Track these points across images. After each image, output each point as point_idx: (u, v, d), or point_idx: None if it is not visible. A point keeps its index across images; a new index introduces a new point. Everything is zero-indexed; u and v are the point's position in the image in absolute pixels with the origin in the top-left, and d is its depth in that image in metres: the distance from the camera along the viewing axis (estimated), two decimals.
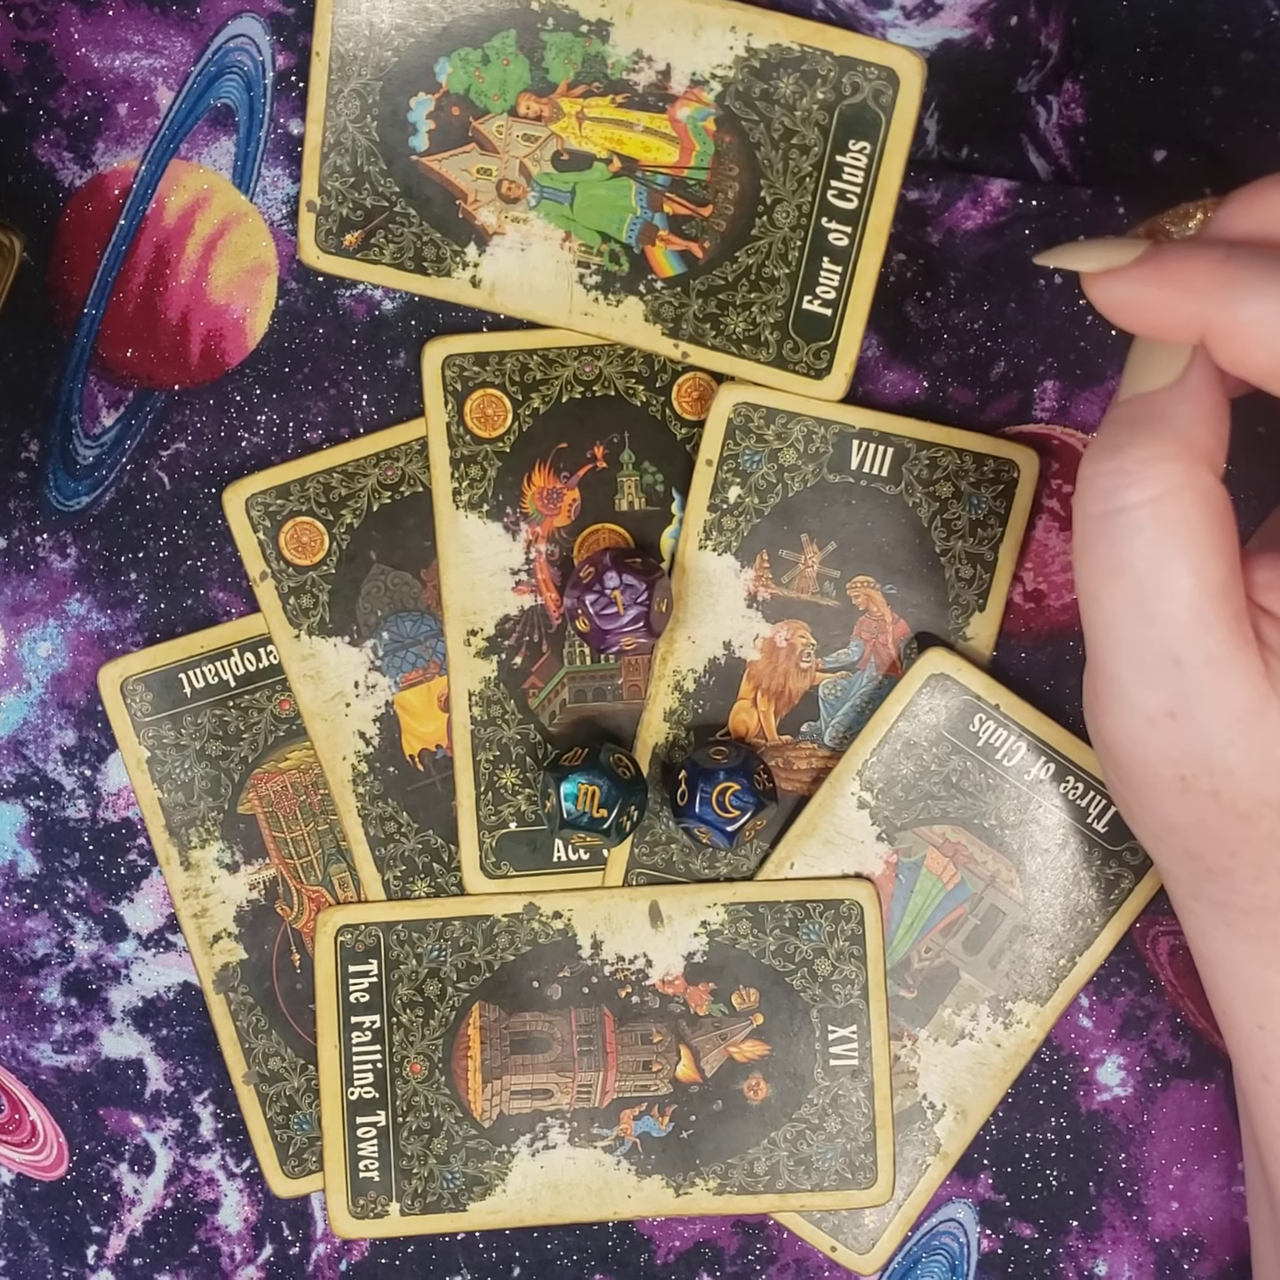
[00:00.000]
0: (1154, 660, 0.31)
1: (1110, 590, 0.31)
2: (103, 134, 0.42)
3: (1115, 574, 0.31)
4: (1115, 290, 0.31)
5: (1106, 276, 0.31)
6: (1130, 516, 0.31)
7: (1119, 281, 0.31)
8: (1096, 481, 0.31)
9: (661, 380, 0.42)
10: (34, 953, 0.44)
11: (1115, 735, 0.33)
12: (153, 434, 0.43)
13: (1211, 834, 0.32)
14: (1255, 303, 0.29)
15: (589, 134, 0.40)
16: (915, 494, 0.42)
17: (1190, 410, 0.31)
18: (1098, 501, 0.31)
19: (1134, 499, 0.31)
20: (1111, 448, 0.31)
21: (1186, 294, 0.30)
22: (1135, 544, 0.31)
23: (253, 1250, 0.45)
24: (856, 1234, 0.44)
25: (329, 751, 0.43)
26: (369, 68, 0.40)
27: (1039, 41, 0.41)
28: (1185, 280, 0.30)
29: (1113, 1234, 0.44)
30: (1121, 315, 0.31)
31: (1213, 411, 0.31)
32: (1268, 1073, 0.35)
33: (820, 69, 0.39)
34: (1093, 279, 0.32)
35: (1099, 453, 0.31)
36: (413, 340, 0.42)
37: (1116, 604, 0.31)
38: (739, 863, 0.43)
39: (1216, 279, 0.30)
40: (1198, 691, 0.31)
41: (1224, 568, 0.31)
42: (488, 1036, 0.43)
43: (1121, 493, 0.31)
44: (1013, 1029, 0.43)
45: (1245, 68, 0.41)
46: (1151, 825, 0.34)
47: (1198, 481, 0.30)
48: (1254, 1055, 0.35)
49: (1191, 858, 0.33)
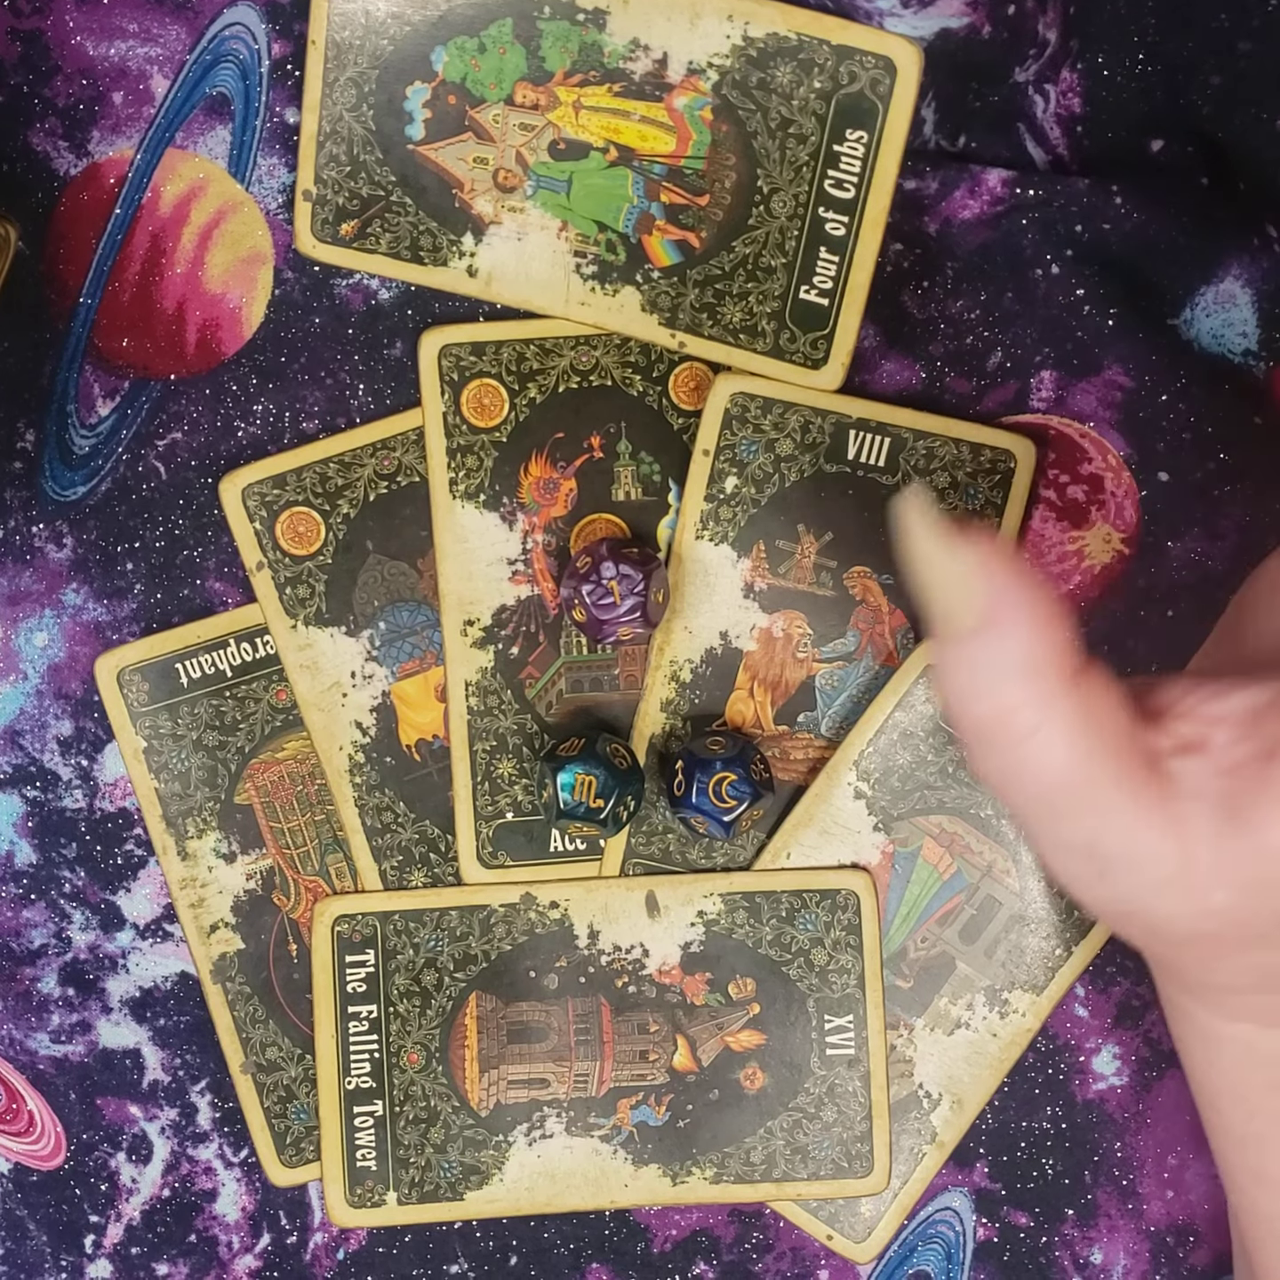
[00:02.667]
0: (1071, 848, 0.31)
1: (1012, 803, 0.31)
2: (98, 123, 0.42)
3: (1010, 794, 0.31)
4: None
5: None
6: (1006, 756, 0.30)
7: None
8: (967, 732, 0.31)
9: (658, 370, 0.42)
10: (31, 943, 0.44)
11: (1061, 884, 0.33)
12: (149, 424, 0.43)
13: (1170, 958, 0.33)
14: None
15: (585, 123, 0.40)
16: (912, 484, 0.42)
17: (1016, 647, 0.30)
18: (973, 742, 0.31)
19: (1004, 742, 0.30)
20: (969, 703, 0.30)
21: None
22: (1021, 773, 0.30)
23: (250, 1239, 0.45)
24: (853, 1222, 0.44)
25: (326, 742, 0.43)
26: (365, 56, 0.40)
27: (1036, 30, 0.41)
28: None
29: (1108, 1222, 0.44)
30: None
31: (1036, 632, 0.30)
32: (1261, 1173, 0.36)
33: (817, 58, 0.39)
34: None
35: (961, 707, 0.31)
36: (409, 330, 0.42)
37: (1021, 813, 0.31)
38: (735, 853, 0.43)
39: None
40: (1120, 867, 0.30)
41: (1113, 757, 0.30)
42: (485, 1026, 0.43)
43: (992, 740, 0.30)
44: (1009, 1018, 0.43)
45: (1243, 57, 0.41)
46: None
47: (1054, 707, 0.30)
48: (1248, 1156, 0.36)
49: (1167, 972, 0.33)
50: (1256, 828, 0.29)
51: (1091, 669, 0.30)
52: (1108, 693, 0.30)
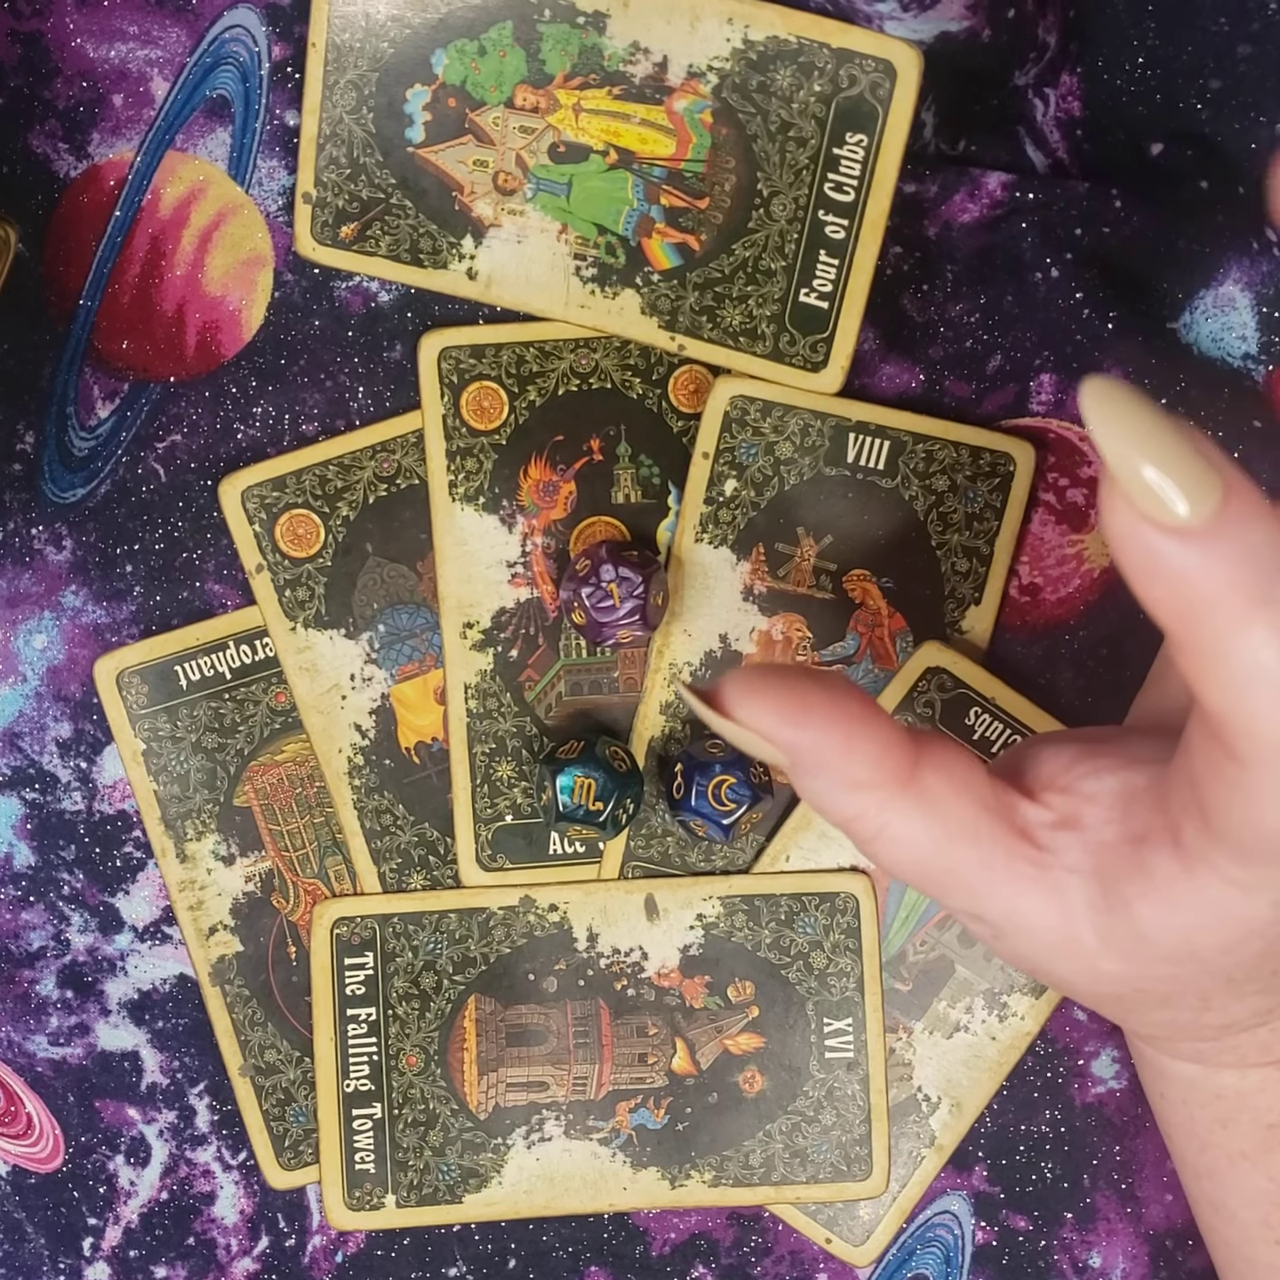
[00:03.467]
0: (962, 915, 0.31)
1: (906, 881, 0.31)
2: (98, 125, 0.42)
3: (894, 874, 0.31)
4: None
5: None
6: (874, 848, 0.31)
7: None
8: (843, 830, 0.31)
9: (658, 373, 0.42)
10: (30, 945, 0.44)
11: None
12: (148, 426, 0.43)
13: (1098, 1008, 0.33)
14: None
15: (585, 126, 0.40)
16: (911, 487, 0.42)
17: (829, 773, 0.30)
18: (849, 837, 0.31)
19: (864, 840, 0.31)
20: (828, 814, 0.31)
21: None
22: (893, 863, 0.31)
23: (249, 1242, 0.45)
24: (852, 1226, 0.44)
25: (325, 744, 0.43)
26: (365, 59, 0.40)
27: (1036, 34, 0.41)
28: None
29: (1107, 1226, 0.44)
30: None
31: (846, 753, 0.29)
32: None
33: (817, 61, 0.39)
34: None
35: (827, 815, 0.31)
36: (409, 332, 0.42)
37: (909, 885, 0.32)
38: (735, 856, 0.43)
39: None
40: (1010, 932, 0.31)
41: (972, 841, 0.30)
42: (483, 1029, 0.43)
43: (856, 838, 0.31)
44: (1008, 1022, 0.43)
45: (1242, 61, 0.41)
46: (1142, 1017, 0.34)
47: (894, 809, 0.30)
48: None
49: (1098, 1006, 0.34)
50: (1129, 908, 0.29)
51: (928, 756, 0.30)
52: (951, 776, 0.30)
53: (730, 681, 0.29)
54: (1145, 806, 0.29)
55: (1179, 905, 0.28)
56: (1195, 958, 0.29)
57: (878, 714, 0.29)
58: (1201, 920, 0.28)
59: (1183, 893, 0.28)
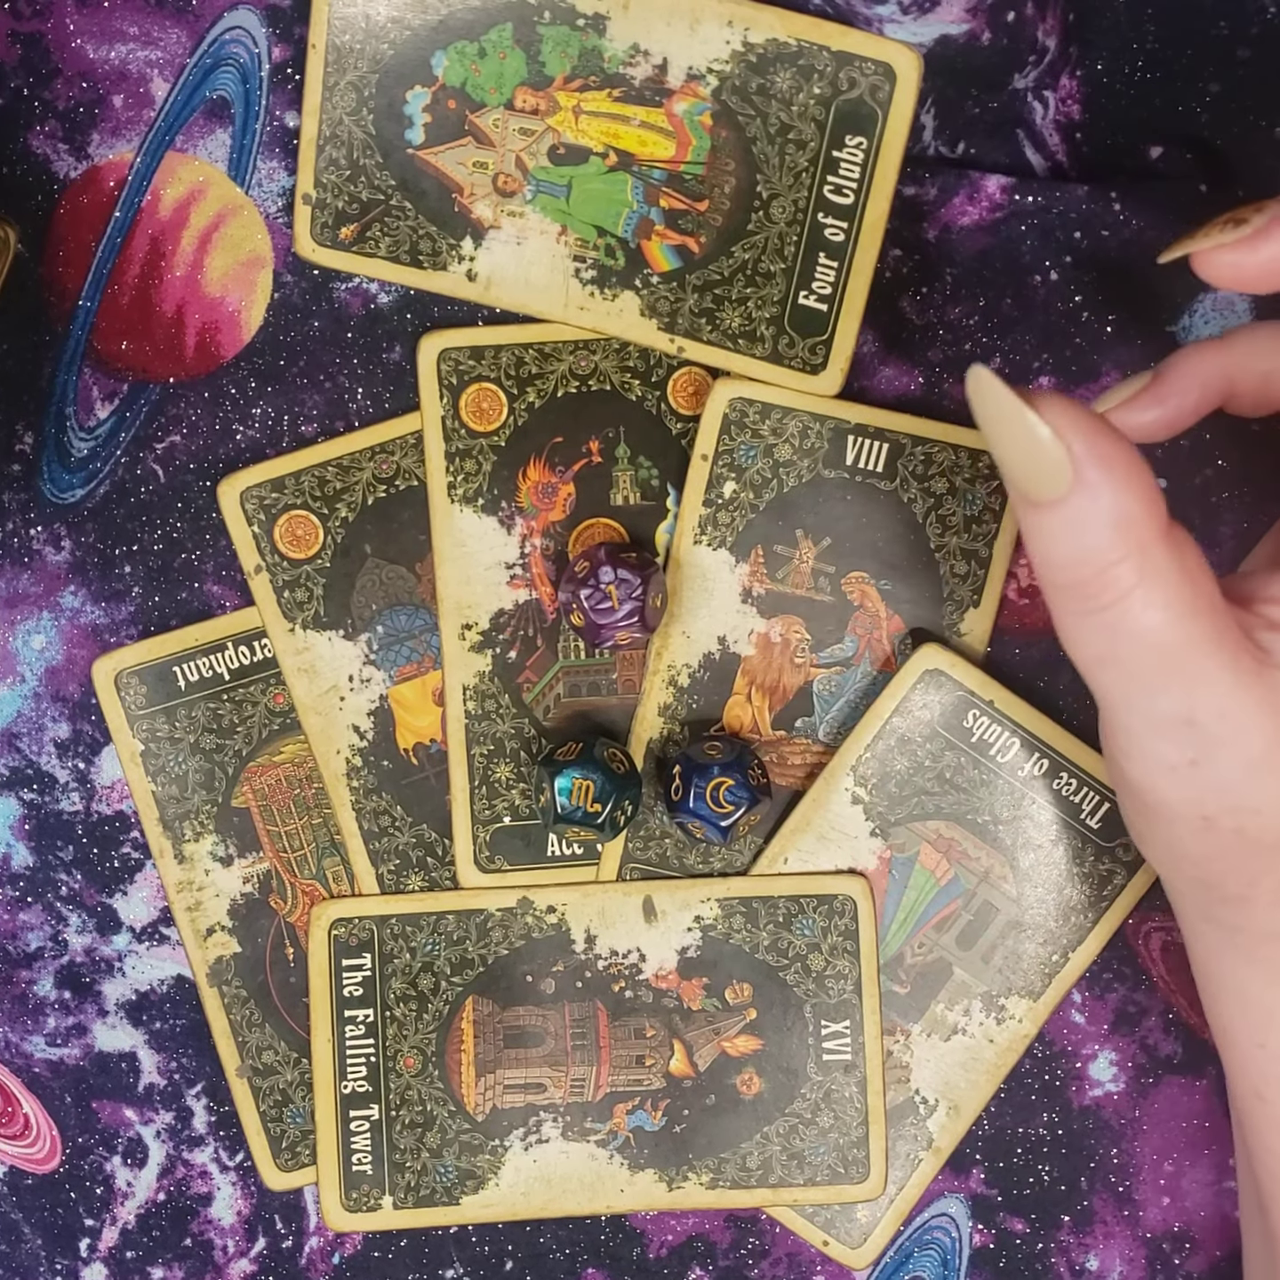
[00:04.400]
0: (1167, 721, 0.31)
1: (1107, 676, 0.31)
2: (98, 126, 0.42)
3: (1106, 663, 0.31)
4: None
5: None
6: (1105, 617, 0.31)
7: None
8: (1062, 594, 0.31)
9: (657, 375, 0.42)
10: (27, 946, 0.44)
11: (1135, 778, 0.33)
12: (147, 427, 0.43)
13: (1232, 866, 0.33)
14: None
15: (585, 128, 0.40)
16: (910, 489, 0.42)
17: (1108, 504, 0.30)
18: (1069, 606, 0.31)
19: (1103, 602, 0.31)
20: (1064, 565, 0.31)
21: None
22: (1118, 636, 0.31)
23: (246, 1243, 0.45)
24: (849, 1228, 0.44)
25: (323, 745, 0.43)
26: (365, 60, 0.40)
27: (1036, 37, 0.41)
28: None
29: (1104, 1229, 0.44)
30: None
31: (1127, 485, 0.30)
32: (1263, 1090, 0.35)
33: (817, 64, 0.39)
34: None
35: (1054, 570, 0.31)
36: (408, 334, 0.42)
37: (1117, 685, 0.31)
38: (733, 858, 0.43)
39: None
40: (1216, 742, 0.31)
41: (1211, 618, 0.30)
42: (481, 1030, 0.43)
43: (1091, 600, 0.31)
44: (1005, 1024, 0.43)
45: (1242, 64, 0.41)
46: (1168, 856, 0.34)
47: (1151, 563, 0.30)
48: (1250, 1073, 0.35)
49: (1208, 886, 0.33)
50: None
51: (1178, 527, 0.31)
52: (1198, 550, 0.31)
53: (1037, 390, 0.31)
54: None
55: None
56: None
57: (1149, 467, 0.31)
58: None
59: None
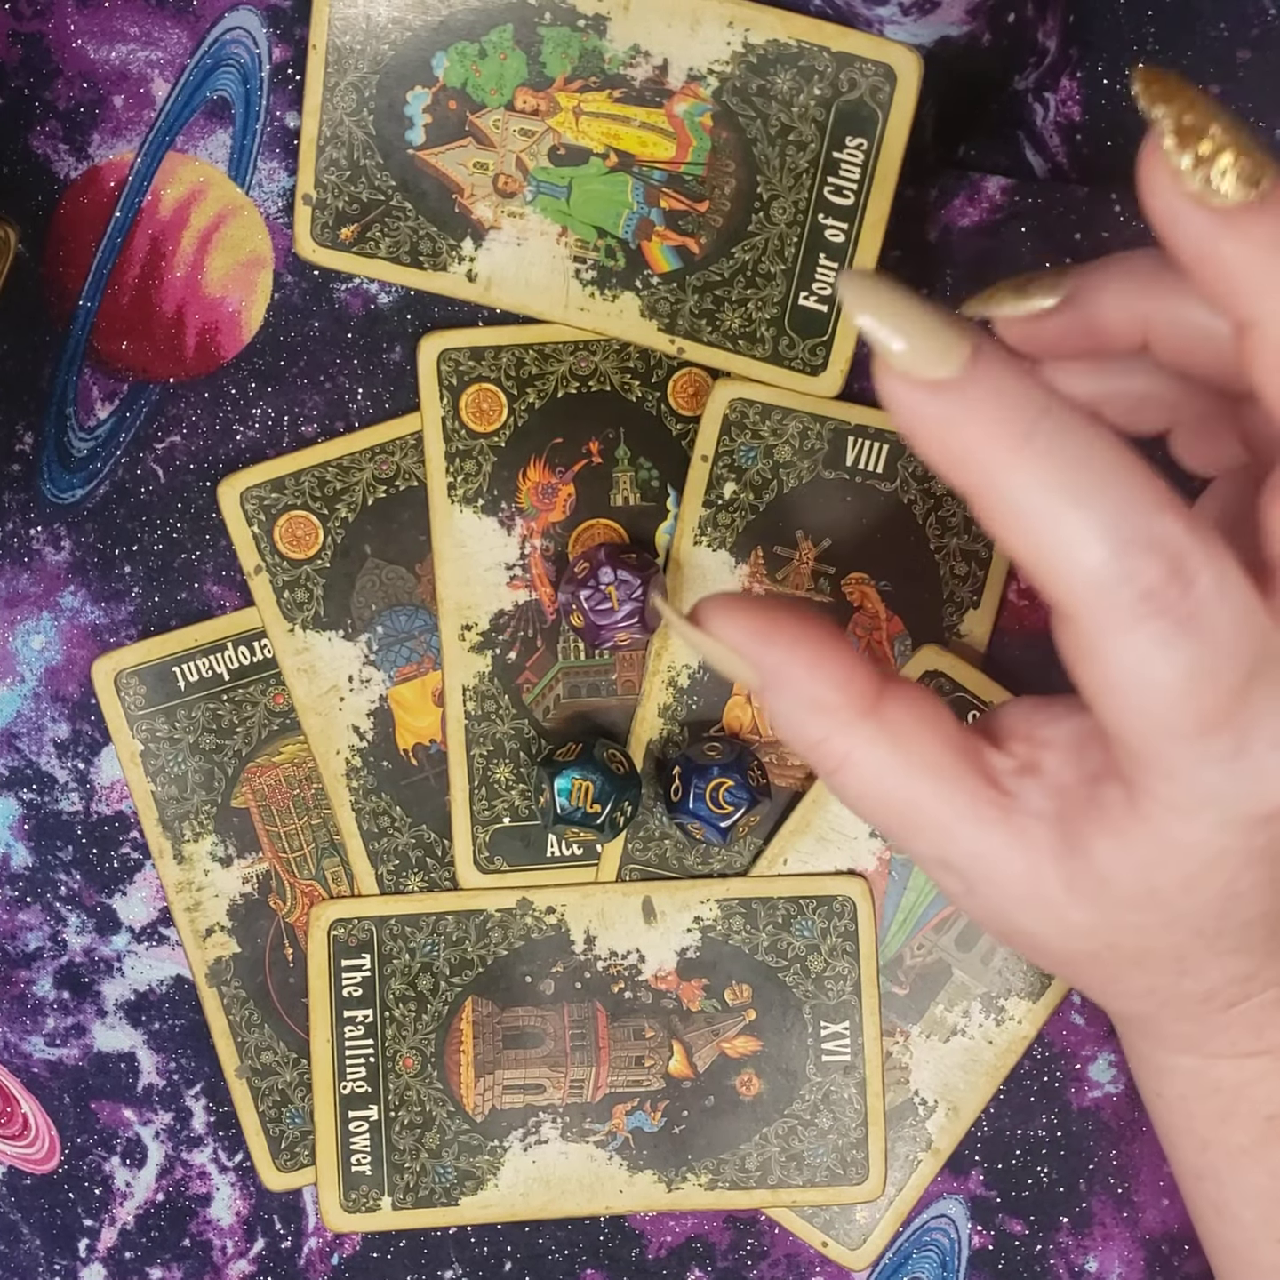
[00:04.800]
0: (929, 863, 0.31)
1: (875, 821, 0.32)
2: (98, 126, 0.42)
3: (858, 811, 0.31)
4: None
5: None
6: (836, 780, 0.31)
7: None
8: (799, 753, 0.32)
9: (657, 376, 0.42)
10: (26, 946, 0.44)
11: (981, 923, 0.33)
12: (147, 427, 0.43)
13: (1071, 975, 0.33)
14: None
15: (586, 129, 0.40)
16: (910, 491, 0.42)
17: (794, 695, 0.30)
18: (814, 767, 0.32)
19: (827, 771, 0.31)
20: (790, 741, 0.31)
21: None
22: (857, 797, 0.31)
23: (244, 1244, 0.45)
24: (848, 1229, 0.44)
25: (323, 745, 0.43)
26: (366, 61, 0.40)
27: (1036, 39, 0.41)
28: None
29: (1103, 1230, 0.44)
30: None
31: (809, 675, 0.30)
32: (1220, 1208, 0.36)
33: (817, 65, 0.39)
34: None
35: (789, 744, 0.31)
36: (408, 334, 0.42)
37: (883, 829, 0.32)
38: (732, 859, 0.43)
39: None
40: (975, 879, 0.31)
41: (934, 775, 0.30)
42: (480, 1031, 0.43)
43: (819, 768, 0.31)
44: (1005, 1026, 0.43)
45: (1242, 66, 0.41)
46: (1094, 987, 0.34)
47: (856, 736, 0.30)
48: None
49: (1083, 989, 0.33)
50: (1089, 848, 0.29)
51: (894, 690, 0.30)
52: (919, 710, 0.30)
53: (707, 600, 0.31)
54: (1098, 747, 0.30)
55: (1132, 840, 0.29)
56: (1159, 901, 0.29)
57: (844, 642, 0.30)
58: (1154, 854, 0.29)
59: (1133, 826, 0.29)
